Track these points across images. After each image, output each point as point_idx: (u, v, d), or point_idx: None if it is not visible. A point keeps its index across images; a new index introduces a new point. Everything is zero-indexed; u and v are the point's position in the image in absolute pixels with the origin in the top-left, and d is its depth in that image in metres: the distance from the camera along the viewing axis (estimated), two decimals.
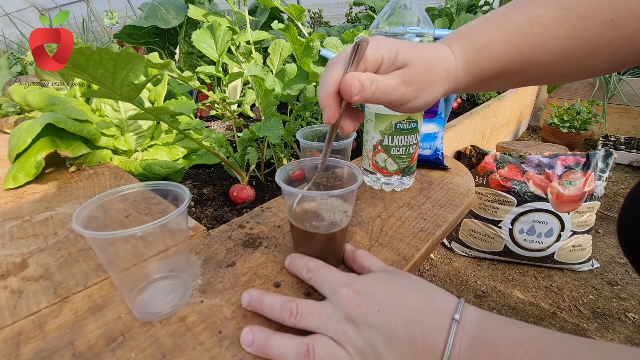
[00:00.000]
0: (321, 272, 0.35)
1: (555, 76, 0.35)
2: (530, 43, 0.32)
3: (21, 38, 3.38)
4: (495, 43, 0.34)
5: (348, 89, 0.31)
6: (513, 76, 0.35)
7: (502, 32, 0.34)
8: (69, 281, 0.39)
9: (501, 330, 0.26)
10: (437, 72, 0.34)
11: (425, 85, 0.34)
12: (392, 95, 0.33)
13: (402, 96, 0.33)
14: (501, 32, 0.34)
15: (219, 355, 0.30)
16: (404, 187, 0.59)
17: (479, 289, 1.18)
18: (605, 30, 0.30)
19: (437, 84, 0.34)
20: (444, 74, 0.34)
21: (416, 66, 0.33)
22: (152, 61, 0.53)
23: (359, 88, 0.31)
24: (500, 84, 0.37)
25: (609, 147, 2.10)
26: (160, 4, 1.19)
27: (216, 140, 0.60)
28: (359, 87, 0.31)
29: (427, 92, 0.34)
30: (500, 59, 0.34)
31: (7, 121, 0.89)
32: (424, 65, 0.33)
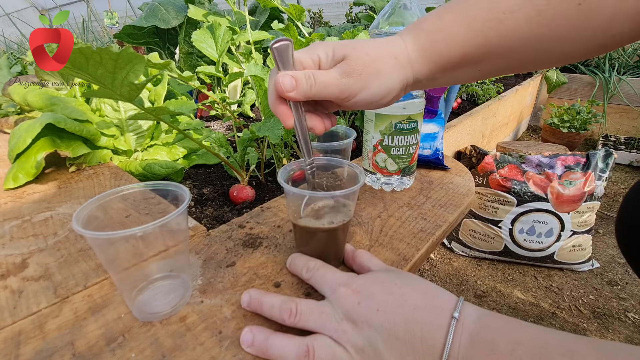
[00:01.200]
0: (321, 272, 0.35)
1: (525, 63, 0.33)
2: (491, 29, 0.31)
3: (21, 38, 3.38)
4: (449, 28, 0.32)
5: (280, 87, 0.31)
6: (480, 64, 0.33)
7: (456, 17, 0.32)
8: (69, 281, 0.39)
9: (500, 329, 0.26)
10: (382, 59, 0.32)
11: (371, 74, 0.32)
12: (333, 87, 0.32)
13: (346, 88, 0.32)
14: (455, 17, 0.32)
15: (219, 356, 0.30)
16: (404, 187, 0.59)
17: (479, 289, 1.18)
18: (575, 14, 0.28)
19: (385, 71, 0.32)
20: (392, 60, 0.33)
21: (355, 56, 0.32)
22: (152, 61, 0.53)
23: (292, 84, 0.31)
24: (468, 74, 0.35)
25: (609, 147, 2.10)
26: (160, 4, 1.19)
27: (216, 140, 0.60)
28: (292, 83, 0.31)
29: (375, 80, 0.32)
30: (457, 43, 0.32)
31: (7, 121, 0.89)
32: (364, 55, 0.32)
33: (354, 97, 0.33)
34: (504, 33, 0.30)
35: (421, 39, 0.33)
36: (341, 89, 0.32)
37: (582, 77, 2.52)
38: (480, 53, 0.32)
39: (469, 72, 0.34)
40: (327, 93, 0.32)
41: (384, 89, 0.33)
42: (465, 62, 0.33)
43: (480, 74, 0.35)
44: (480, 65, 0.33)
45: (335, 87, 0.32)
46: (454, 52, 0.32)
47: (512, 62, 0.33)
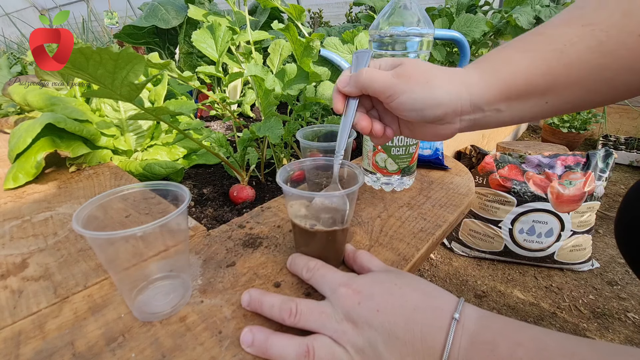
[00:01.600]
0: (321, 272, 0.35)
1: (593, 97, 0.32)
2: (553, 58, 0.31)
3: (21, 38, 3.38)
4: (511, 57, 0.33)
5: (338, 83, 0.38)
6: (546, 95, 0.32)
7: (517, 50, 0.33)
8: (69, 281, 0.39)
9: (501, 330, 0.26)
10: (435, 74, 0.33)
11: (419, 80, 0.33)
12: (380, 83, 0.34)
13: (391, 85, 0.34)
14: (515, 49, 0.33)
15: (219, 356, 0.30)
16: (404, 187, 0.59)
17: (479, 289, 1.18)
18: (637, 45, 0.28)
19: (434, 83, 0.33)
20: (445, 77, 0.33)
21: (409, 64, 0.35)
22: (152, 61, 0.53)
23: (346, 80, 0.37)
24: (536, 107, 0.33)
25: (609, 147, 2.10)
26: (160, 4, 1.19)
27: (216, 140, 0.60)
28: (346, 79, 0.37)
29: (421, 87, 0.33)
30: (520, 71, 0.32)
31: (7, 121, 0.89)
32: (417, 66, 0.34)
33: (397, 96, 0.34)
34: (567, 62, 0.30)
35: (483, 66, 0.34)
36: (386, 86, 0.34)
37: None
38: (545, 82, 0.31)
39: (536, 103, 0.33)
40: (374, 86, 0.35)
41: (429, 97, 0.33)
42: (530, 91, 0.32)
43: (548, 108, 0.33)
44: (547, 96, 0.32)
45: (382, 82, 0.34)
46: (518, 79, 0.32)
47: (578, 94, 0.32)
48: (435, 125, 0.36)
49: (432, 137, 0.38)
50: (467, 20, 1.41)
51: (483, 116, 0.34)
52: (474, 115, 0.34)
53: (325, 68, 0.69)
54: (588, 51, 0.29)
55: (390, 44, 0.49)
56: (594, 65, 0.30)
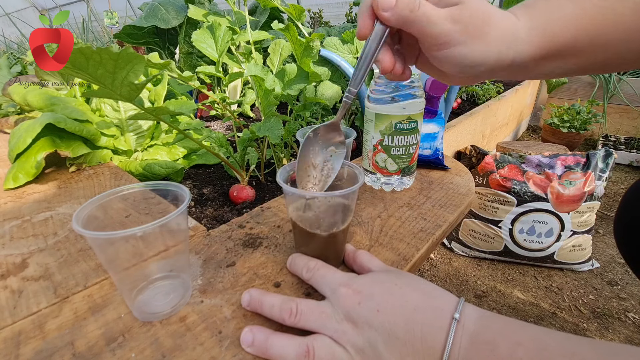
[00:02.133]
0: (321, 272, 0.35)
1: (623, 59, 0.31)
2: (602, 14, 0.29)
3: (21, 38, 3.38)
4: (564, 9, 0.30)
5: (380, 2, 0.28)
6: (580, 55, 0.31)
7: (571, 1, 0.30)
8: (69, 281, 0.39)
9: (501, 330, 0.26)
10: (494, 24, 0.30)
11: (477, 32, 0.29)
12: (434, 26, 0.28)
13: (447, 32, 0.28)
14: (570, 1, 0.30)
15: (219, 356, 0.30)
16: (404, 187, 0.59)
17: (479, 289, 1.18)
18: None
19: (491, 37, 0.29)
20: (501, 30, 0.30)
21: (471, 7, 0.29)
22: (152, 61, 0.53)
23: (390, 3, 0.28)
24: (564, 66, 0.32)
25: (609, 147, 2.10)
26: (160, 4, 1.19)
27: (216, 140, 0.60)
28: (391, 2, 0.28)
29: (478, 41, 0.29)
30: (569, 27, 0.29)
31: (7, 121, 0.89)
32: (479, 10, 0.29)
33: (449, 46, 0.29)
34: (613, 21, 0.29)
35: (535, 16, 0.31)
36: (442, 32, 0.29)
37: (582, 77, 2.52)
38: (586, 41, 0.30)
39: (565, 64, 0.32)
40: (425, 28, 0.29)
41: (480, 55, 0.30)
42: (568, 50, 0.30)
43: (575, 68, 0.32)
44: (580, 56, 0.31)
45: (436, 26, 0.29)
46: (564, 36, 0.30)
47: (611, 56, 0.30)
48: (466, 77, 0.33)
49: (450, 82, 0.35)
50: None
51: (512, 71, 0.32)
52: (505, 71, 0.32)
53: (325, 68, 0.70)
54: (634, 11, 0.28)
55: None
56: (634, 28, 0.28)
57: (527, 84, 2.17)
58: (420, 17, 0.28)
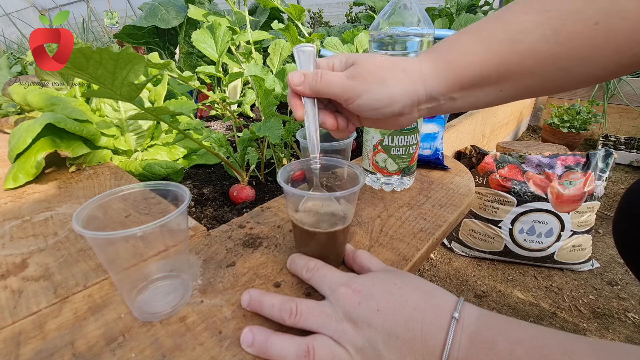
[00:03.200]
0: (321, 272, 0.35)
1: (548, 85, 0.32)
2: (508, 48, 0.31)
3: (21, 38, 3.38)
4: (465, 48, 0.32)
5: (290, 80, 0.35)
6: (500, 84, 0.32)
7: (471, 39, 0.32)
8: (69, 281, 0.39)
9: (500, 329, 0.26)
10: (389, 70, 0.34)
11: (375, 80, 0.33)
12: (337, 86, 0.34)
13: (349, 88, 0.34)
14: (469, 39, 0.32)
15: (219, 356, 0.30)
16: (404, 187, 0.59)
17: (479, 289, 1.18)
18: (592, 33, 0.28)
19: (389, 80, 0.33)
20: (399, 72, 0.34)
21: (364, 62, 0.34)
22: (152, 61, 0.53)
23: (300, 79, 0.35)
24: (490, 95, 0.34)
25: (609, 147, 2.10)
26: (160, 4, 1.19)
27: (216, 140, 0.60)
28: (300, 79, 0.35)
29: (378, 87, 0.33)
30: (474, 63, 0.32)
31: (7, 121, 0.89)
32: (372, 63, 0.34)
33: (355, 99, 0.34)
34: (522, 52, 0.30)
35: (437, 58, 0.34)
36: (344, 89, 0.34)
37: None
38: (499, 73, 0.31)
39: (490, 93, 0.33)
40: (330, 90, 0.34)
41: (386, 96, 0.33)
42: (484, 81, 0.32)
43: (502, 96, 0.34)
44: (500, 85, 0.33)
45: (339, 86, 0.34)
46: (472, 71, 0.32)
47: (533, 83, 0.32)
48: (395, 118, 0.36)
49: (393, 126, 0.39)
50: (467, 20, 1.41)
51: (438, 105, 0.35)
52: (430, 104, 0.35)
53: None
54: (543, 40, 0.29)
55: (390, 44, 0.49)
56: (549, 55, 0.30)
57: None
58: (324, 84, 0.34)
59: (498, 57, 0.31)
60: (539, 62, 0.30)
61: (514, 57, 0.31)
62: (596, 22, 0.27)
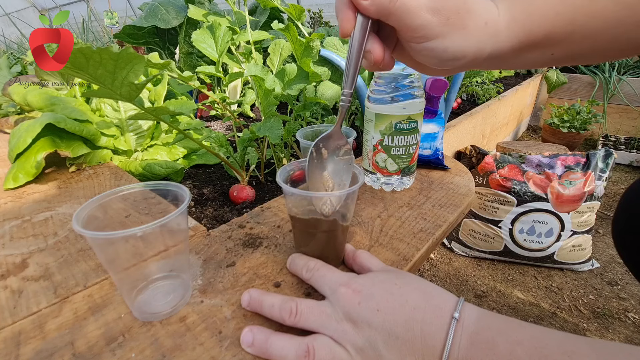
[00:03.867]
0: (320, 272, 0.35)
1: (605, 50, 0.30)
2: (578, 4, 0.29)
3: (21, 38, 3.38)
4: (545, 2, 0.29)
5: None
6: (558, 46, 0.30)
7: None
8: (69, 281, 0.39)
9: (500, 329, 0.26)
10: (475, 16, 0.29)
11: (459, 24, 0.28)
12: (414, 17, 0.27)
13: (427, 25, 0.28)
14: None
15: (219, 356, 0.30)
16: (404, 187, 0.59)
17: (479, 289, 1.18)
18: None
19: (471, 30, 0.29)
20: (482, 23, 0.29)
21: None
22: (152, 61, 0.53)
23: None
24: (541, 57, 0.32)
25: (609, 147, 2.10)
26: (160, 4, 1.19)
27: (216, 140, 0.60)
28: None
29: (458, 34, 0.29)
30: (548, 18, 0.29)
31: (7, 121, 0.89)
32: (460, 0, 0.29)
33: (428, 39, 0.29)
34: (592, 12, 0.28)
35: (515, 8, 0.30)
36: (421, 23, 0.28)
37: (582, 77, 2.52)
38: (564, 32, 0.30)
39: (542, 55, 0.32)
40: (404, 19, 0.28)
41: (460, 48, 0.29)
42: (546, 41, 0.30)
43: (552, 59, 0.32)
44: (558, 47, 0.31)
45: (416, 17, 0.28)
46: (543, 28, 0.30)
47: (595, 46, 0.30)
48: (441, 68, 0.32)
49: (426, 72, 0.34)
50: None
51: (490, 63, 0.33)
52: (483, 63, 0.32)
53: (325, 68, 0.69)
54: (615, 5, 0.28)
55: None
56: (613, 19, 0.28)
57: (527, 84, 2.17)
58: (399, 8, 0.27)
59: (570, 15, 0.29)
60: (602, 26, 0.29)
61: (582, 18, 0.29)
62: None
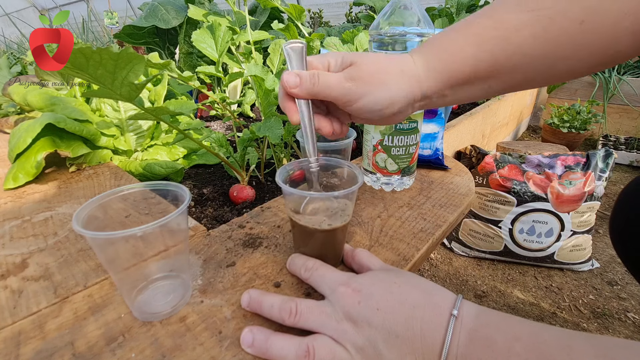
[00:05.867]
0: (320, 272, 0.35)
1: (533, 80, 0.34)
2: (498, 46, 0.32)
3: (21, 38, 3.38)
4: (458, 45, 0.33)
5: (284, 83, 0.33)
6: (489, 80, 0.34)
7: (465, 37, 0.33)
8: (69, 281, 0.39)
9: (499, 325, 0.27)
10: (389, 71, 0.33)
11: (375, 82, 0.33)
12: (336, 89, 0.33)
13: (348, 91, 0.33)
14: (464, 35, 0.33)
15: (219, 356, 0.30)
16: (404, 187, 0.59)
17: (479, 289, 1.18)
18: (578, 32, 0.29)
19: (390, 82, 0.33)
20: (398, 73, 0.34)
21: (363, 63, 0.33)
22: (152, 61, 0.53)
23: (296, 81, 0.33)
24: (478, 91, 0.35)
25: (609, 147, 2.10)
26: (160, 4, 1.19)
27: (216, 140, 0.60)
28: (296, 81, 0.33)
29: (378, 89, 0.33)
30: (466, 60, 0.33)
31: (7, 121, 0.89)
32: (371, 64, 0.33)
33: (355, 102, 0.33)
34: (512, 50, 0.31)
35: (430, 58, 0.34)
36: (344, 92, 0.33)
37: (583, 77, 2.52)
38: (489, 71, 0.33)
39: (478, 89, 0.35)
40: (329, 93, 0.33)
41: (387, 98, 0.33)
42: (474, 79, 0.34)
43: (490, 91, 0.35)
44: (489, 81, 0.34)
45: (338, 88, 0.33)
46: (463, 70, 0.33)
47: (519, 79, 0.33)
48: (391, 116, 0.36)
49: (386, 123, 0.38)
50: None
51: (430, 101, 0.36)
52: (423, 102, 0.36)
53: None
54: (532, 39, 0.30)
55: (390, 44, 0.49)
56: (537, 53, 0.31)
57: None
58: (322, 87, 0.33)
59: (489, 57, 0.32)
60: (527, 60, 0.31)
61: (504, 57, 0.32)
62: (581, 21, 0.29)
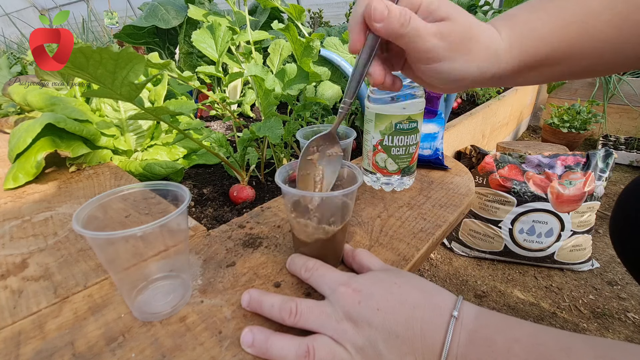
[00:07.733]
0: (320, 272, 0.35)
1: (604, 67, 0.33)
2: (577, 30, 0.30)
3: (21, 38, 3.38)
4: (542, 26, 0.31)
5: (370, 11, 0.28)
6: (556, 66, 0.32)
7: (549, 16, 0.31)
8: (69, 281, 0.39)
9: (498, 326, 0.27)
10: (479, 41, 0.31)
11: (463, 49, 0.30)
12: (422, 41, 0.29)
13: (435, 49, 0.29)
14: (548, 15, 0.31)
15: (219, 356, 0.30)
16: (404, 187, 0.59)
17: (479, 289, 1.18)
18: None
19: (476, 54, 0.31)
20: (485, 47, 0.31)
21: (458, 23, 0.30)
22: (152, 61, 0.53)
23: (383, 14, 0.28)
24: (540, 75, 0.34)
25: (609, 147, 2.10)
26: (160, 4, 1.19)
27: (216, 140, 0.60)
28: (383, 13, 0.28)
29: (463, 58, 0.30)
30: (546, 42, 0.31)
31: (7, 121, 0.89)
32: (465, 27, 0.30)
33: (435, 61, 0.30)
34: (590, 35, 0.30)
35: (514, 34, 0.32)
36: (430, 47, 0.30)
37: None
38: (564, 54, 0.32)
39: (541, 74, 0.34)
40: (414, 42, 0.29)
41: (464, 71, 0.31)
42: (547, 62, 0.32)
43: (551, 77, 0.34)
44: (557, 67, 0.33)
45: (425, 41, 0.29)
46: (543, 50, 0.32)
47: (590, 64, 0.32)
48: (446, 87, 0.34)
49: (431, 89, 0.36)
50: None
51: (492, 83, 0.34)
52: (486, 83, 0.34)
53: (325, 68, 0.70)
54: (610, 24, 0.30)
55: None
56: (612, 38, 0.30)
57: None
58: (410, 32, 0.29)
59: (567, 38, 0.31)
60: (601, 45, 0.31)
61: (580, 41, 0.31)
62: None
